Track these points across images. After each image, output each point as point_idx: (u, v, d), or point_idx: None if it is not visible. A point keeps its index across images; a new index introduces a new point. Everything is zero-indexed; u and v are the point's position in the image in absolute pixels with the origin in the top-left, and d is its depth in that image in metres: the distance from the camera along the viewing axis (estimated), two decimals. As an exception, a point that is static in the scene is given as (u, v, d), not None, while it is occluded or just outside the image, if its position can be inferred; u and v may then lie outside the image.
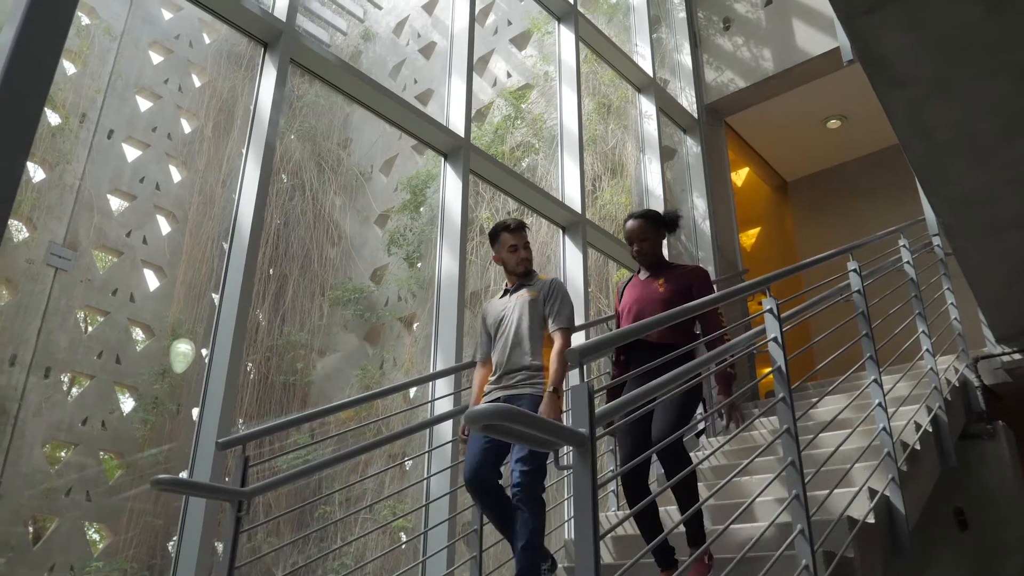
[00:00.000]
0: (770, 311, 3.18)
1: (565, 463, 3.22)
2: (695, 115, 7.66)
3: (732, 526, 3.17)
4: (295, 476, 3.27)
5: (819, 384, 5.85)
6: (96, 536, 7.19)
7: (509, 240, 3.66)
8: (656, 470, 4.18)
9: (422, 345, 7.90)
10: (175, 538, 7.09)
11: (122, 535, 7.04)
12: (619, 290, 3.72)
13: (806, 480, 2.86)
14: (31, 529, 6.80)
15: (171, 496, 6.99)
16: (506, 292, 3.73)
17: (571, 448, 2.09)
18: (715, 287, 3.43)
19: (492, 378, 3.56)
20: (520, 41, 8.84)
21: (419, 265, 8.25)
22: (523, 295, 3.60)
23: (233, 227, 3.88)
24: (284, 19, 4.36)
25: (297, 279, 8.60)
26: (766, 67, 7.55)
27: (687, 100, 7.76)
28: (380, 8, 10.57)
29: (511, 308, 3.61)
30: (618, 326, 3.61)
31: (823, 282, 3.89)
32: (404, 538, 6.17)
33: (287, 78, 4.30)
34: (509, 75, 8.74)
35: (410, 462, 6.44)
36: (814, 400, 4.14)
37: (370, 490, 6.92)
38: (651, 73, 7.34)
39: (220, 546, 3.34)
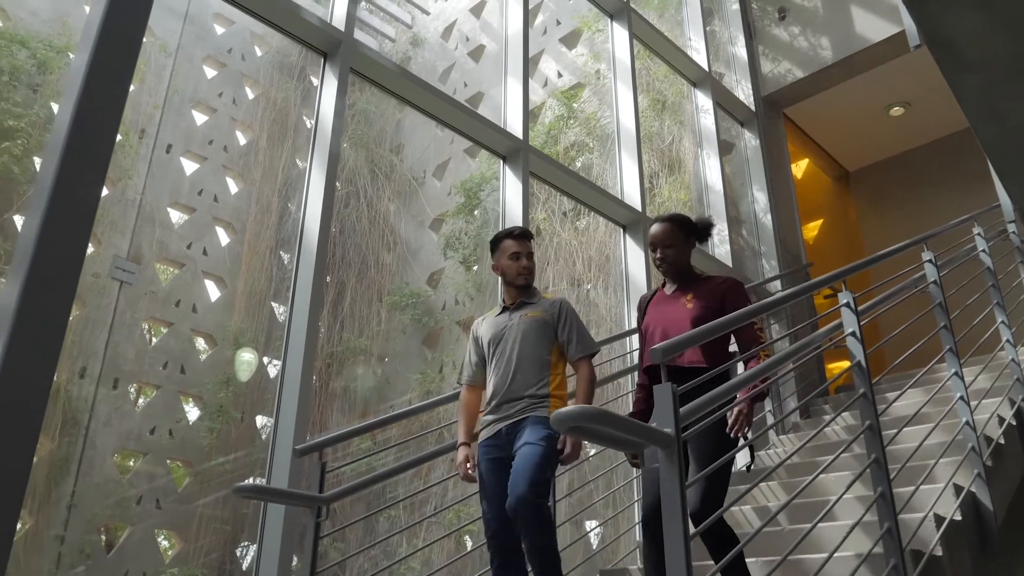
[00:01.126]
0: (847, 305, 3.11)
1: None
2: (752, 107, 7.53)
3: (807, 526, 3.09)
4: (373, 481, 3.27)
5: (893, 379, 5.69)
6: (166, 543, 7.31)
7: (512, 247, 3.32)
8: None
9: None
10: (243, 543, 7.20)
11: (192, 542, 7.14)
12: (641, 306, 3.31)
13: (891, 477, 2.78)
14: (103, 537, 6.93)
15: (239, 503, 7.08)
16: (504, 309, 3.34)
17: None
18: (751, 298, 3.08)
19: (489, 406, 3.18)
20: (570, 40, 8.78)
21: (475, 268, 8.24)
22: (526, 314, 3.24)
23: (300, 237, 3.90)
24: (343, 29, 4.39)
25: (355, 285, 8.67)
26: (824, 56, 7.38)
27: (743, 93, 7.63)
28: (428, 14, 10.60)
29: (512, 328, 3.23)
30: (642, 348, 3.24)
31: (897, 274, 3.78)
32: (469, 542, 6.14)
33: (347, 87, 4.33)
34: (560, 75, 8.68)
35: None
36: (893, 395, 4.01)
37: (434, 495, 6.92)
38: (706, 67, 7.23)
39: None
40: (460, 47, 10.23)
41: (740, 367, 3.14)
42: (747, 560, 2.83)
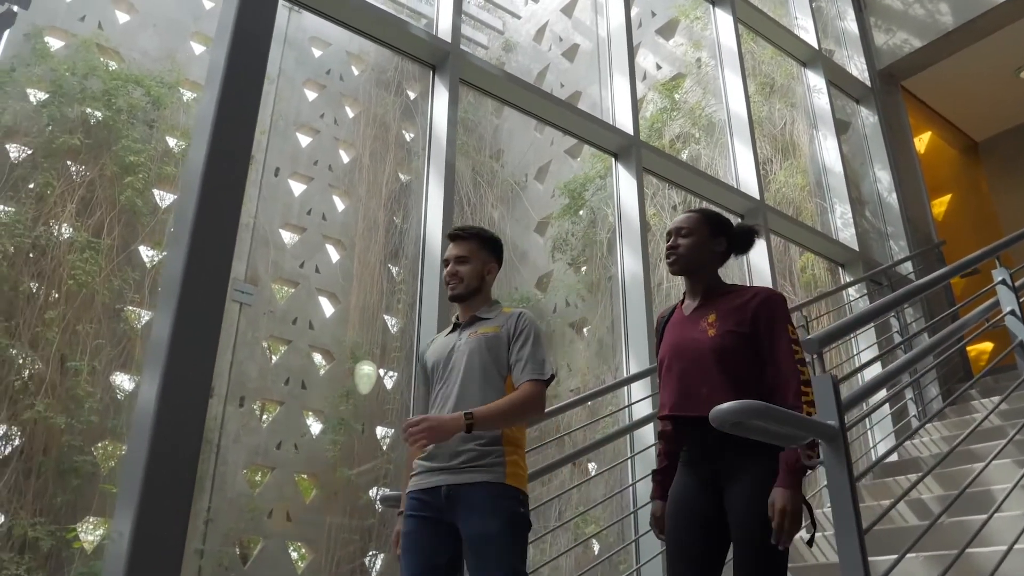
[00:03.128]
0: (1003, 282, 2.90)
1: None
2: (868, 83, 7.19)
3: (965, 518, 2.91)
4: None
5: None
6: (295, 555, 7.51)
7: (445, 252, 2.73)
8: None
9: (595, 349, 7.80)
10: (371, 552, 7.32)
11: (322, 553, 7.31)
12: (658, 328, 2.60)
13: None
14: (238, 550, 7.17)
15: (365, 514, 7.22)
16: (456, 327, 2.69)
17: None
18: (792, 317, 2.42)
19: (425, 450, 2.48)
20: (667, 31, 8.60)
21: (584, 269, 8.15)
22: (477, 332, 2.57)
23: (423, 249, 3.91)
24: (450, 40, 4.40)
25: (464, 293, 8.67)
26: (944, 22, 6.97)
27: (857, 68, 7.30)
28: (519, 17, 10.59)
29: (458, 349, 2.58)
30: (660, 381, 2.52)
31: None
32: (596, 548, 6.06)
33: (458, 97, 4.33)
34: (659, 67, 8.51)
35: (594, 467, 6.34)
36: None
37: (559, 501, 6.86)
38: (816, 45, 6.95)
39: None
40: (554, 48, 10.17)
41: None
42: (907, 555, 2.48)
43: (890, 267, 6.17)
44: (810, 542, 2.27)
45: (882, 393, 4.25)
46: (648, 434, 4.03)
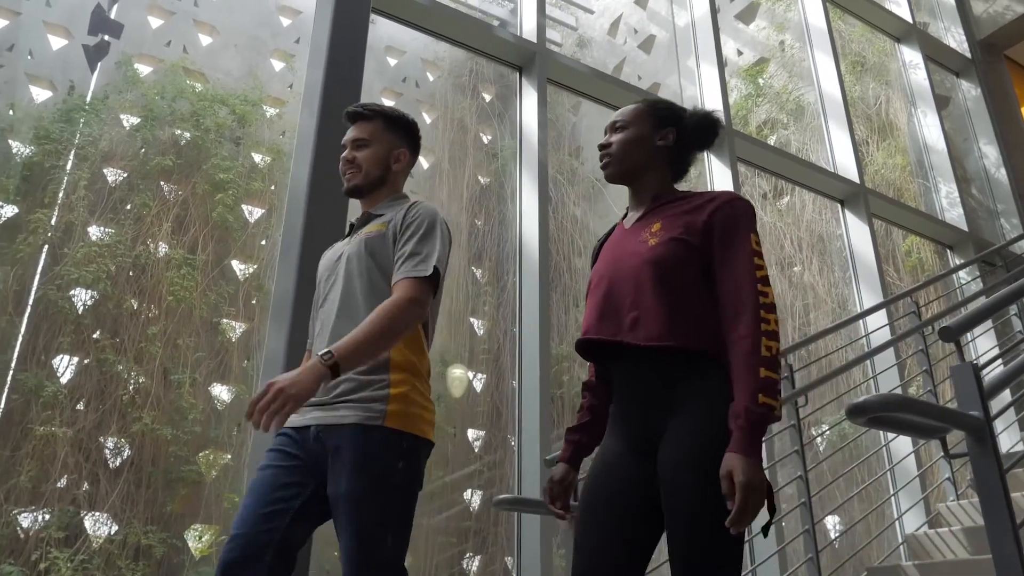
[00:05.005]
0: None
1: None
2: (967, 55, 6.84)
3: None
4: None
5: None
6: (394, 558, 7.57)
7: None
8: None
9: (687, 345, 7.64)
10: (468, 555, 7.33)
11: (422, 556, 7.36)
12: (593, 253, 2.10)
13: None
14: (336, 553, 7.28)
15: (462, 516, 7.25)
16: (351, 229, 2.22)
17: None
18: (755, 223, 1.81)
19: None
20: (746, 15, 8.37)
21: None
22: (362, 233, 2.10)
23: (520, 252, 3.87)
24: (535, 41, 4.37)
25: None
26: (1049, -16, 6.58)
27: (955, 40, 6.95)
28: (592, 12, 10.48)
29: (342, 260, 2.10)
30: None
31: None
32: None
33: (547, 97, 4.29)
34: (740, 53, 8.28)
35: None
36: None
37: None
38: (910, 18, 6.65)
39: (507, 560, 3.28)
40: (629, 41, 10.03)
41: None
42: None
43: (1004, 247, 5.83)
44: (766, 530, 1.67)
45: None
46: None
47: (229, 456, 4.22)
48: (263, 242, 4.85)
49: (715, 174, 4.76)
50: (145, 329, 4.20)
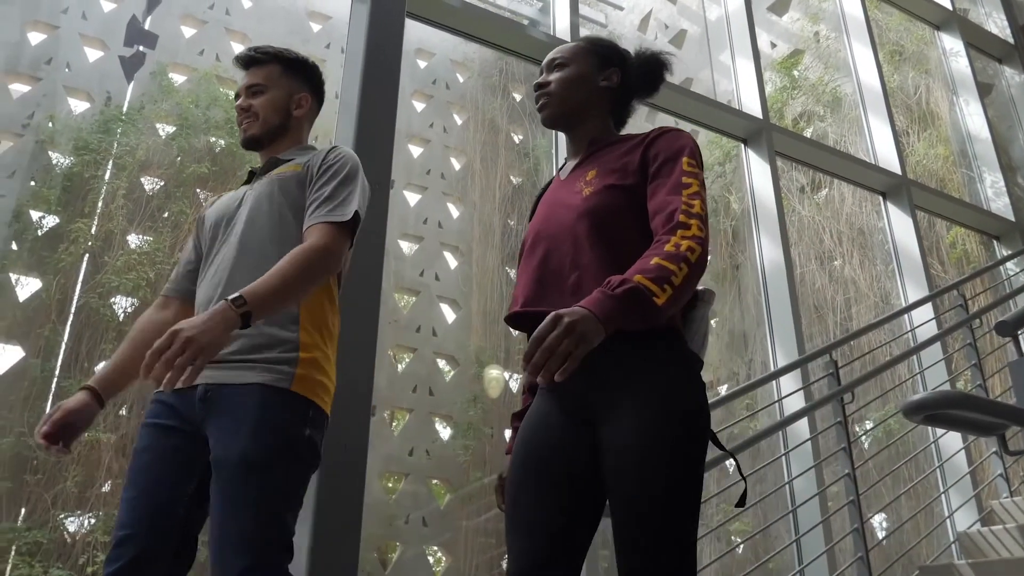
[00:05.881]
0: None
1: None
2: (1010, 40, 6.68)
3: None
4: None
5: None
6: (431, 559, 7.59)
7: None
8: None
9: (726, 341, 7.56)
10: (507, 556, 7.34)
11: (460, 558, 7.36)
12: (531, 210, 1.87)
13: None
14: (375, 555, 7.29)
15: (500, 518, 7.25)
16: (251, 176, 2.00)
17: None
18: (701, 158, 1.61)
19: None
20: (779, 7, 8.26)
21: (708, 258, 7.91)
22: (271, 176, 1.88)
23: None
24: (569, 39, 4.33)
25: (588, 293, 8.61)
26: (1095, -35, 6.40)
27: (996, 26, 6.79)
28: (621, 9, 10.42)
29: (247, 202, 1.87)
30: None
31: None
32: (739, 543, 5.87)
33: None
34: (773, 45, 8.18)
35: (730, 463, 6.12)
36: None
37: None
38: (949, 5, 6.50)
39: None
40: (660, 36, 9.95)
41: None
42: None
43: (1054, 237, 5.69)
44: (742, 501, 1.53)
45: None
46: (803, 429, 3.81)
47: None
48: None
49: (753, 169, 4.68)
50: (186, 335, 4.26)
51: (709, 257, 1.45)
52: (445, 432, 7.97)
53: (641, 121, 8.60)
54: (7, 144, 4.17)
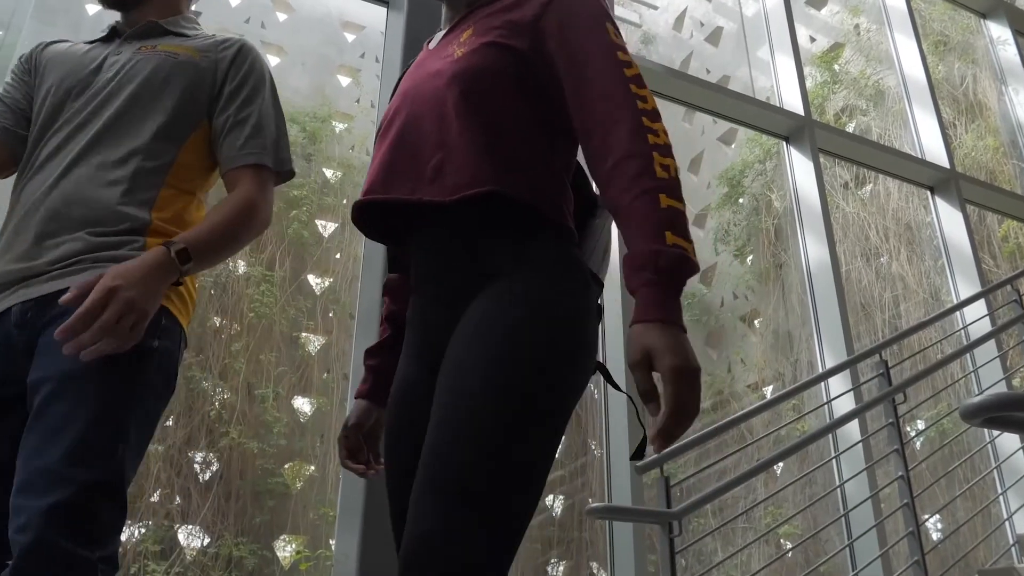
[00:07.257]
0: None
1: None
2: (1061, 26, 6.50)
3: None
4: (721, 491, 3.07)
5: None
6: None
7: None
8: None
9: (770, 342, 7.44)
10: (553, 560, 7.29)
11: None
12: (393, 89, 1.43)
13: None
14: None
15: (545, 522, 7.22)
16: (113, 34, 1.52)
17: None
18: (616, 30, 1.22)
19: None
20: (817, 1, 8.15)
21: (750, 260, 7.80)
22: (154, 48, 1.45)
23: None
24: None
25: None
26: None
27: (1046, 11, 6.61)
28: (656, 8, 10.35)
29: (114, 68, 1.43)
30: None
31: None
32: (788, 547, 5.78)
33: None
34: (813, 39, 8.06)
35: (780, 467, 6.03)
36: None
37: (743, 499, 6.58)
38: (996, -8, 6.36)
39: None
40: (695, 34, 9.87)
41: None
42: None
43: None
44: (640, 453, 1.16)
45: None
46: (854, 431, 3.72)
47: (313, 467, 4.28)
48: (338, 255, 4.91)
49: (796, 166, 4.60)
50: (228, 346, 4.29)
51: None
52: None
53: (678, 121, 8.54)
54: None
